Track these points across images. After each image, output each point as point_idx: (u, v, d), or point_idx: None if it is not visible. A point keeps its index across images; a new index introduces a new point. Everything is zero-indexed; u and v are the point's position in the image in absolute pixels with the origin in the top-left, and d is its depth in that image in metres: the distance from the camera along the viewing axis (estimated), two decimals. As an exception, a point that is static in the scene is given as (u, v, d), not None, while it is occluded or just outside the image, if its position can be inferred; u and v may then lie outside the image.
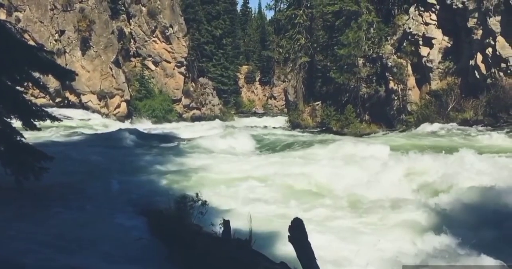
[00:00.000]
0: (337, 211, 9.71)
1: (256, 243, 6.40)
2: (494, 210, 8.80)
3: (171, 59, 41.17)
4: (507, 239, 7.36)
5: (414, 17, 29.35)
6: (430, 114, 26.59)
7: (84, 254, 6.50)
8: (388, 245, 7.47)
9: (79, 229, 7.73)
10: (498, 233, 7.80)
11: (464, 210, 9.07)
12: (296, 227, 5.11)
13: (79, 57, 35.49)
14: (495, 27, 24.55)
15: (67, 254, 6.28)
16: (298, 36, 36.64)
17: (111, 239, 7.18)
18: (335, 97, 33.14)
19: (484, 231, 7.93)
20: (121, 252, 6.72)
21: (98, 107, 35.79)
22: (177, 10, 41.63)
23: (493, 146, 16.60)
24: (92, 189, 10.63)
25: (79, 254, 6.45)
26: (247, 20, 75.37)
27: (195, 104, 43.86)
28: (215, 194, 10.08)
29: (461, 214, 8.97)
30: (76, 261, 6.04)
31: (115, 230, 7.76)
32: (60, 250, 6.44)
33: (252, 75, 67.97)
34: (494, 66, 24.77)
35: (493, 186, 9.77)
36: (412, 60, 29.23)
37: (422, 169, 12.05)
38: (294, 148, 18.65)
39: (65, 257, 6.09)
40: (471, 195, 9.60)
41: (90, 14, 35.57)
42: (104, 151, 16.36)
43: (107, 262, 6.26)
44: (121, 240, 7.19)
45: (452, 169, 11.36)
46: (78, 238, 7.17)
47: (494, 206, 8.94)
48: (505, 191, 9.40)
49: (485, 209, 8.94)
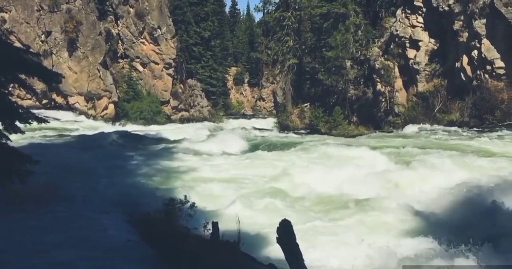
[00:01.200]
0: (319, 213, 9.75)
1: (245, 245, 6.40)
2: (472, 210, 8.91)
3: (159, 61, 41.00)
4: (484, 238, 7.46)
5: (401, 19, 29.64)
6: (417, 115, 26.85)
7: (69, 256, 6.44)
8: (371, 246, 7.51)
9: (64, 232, 7.66)
10: (476, 232, 7.88)
11: (442, 211, 9.18)
12: (284, 229, 5.13)
13: (66, 58, 35.20)
14: (480, 30, 24.90)
15: (49, 257, 6.22)
16: (286, 38, 36.72)
17: (97, 242, 7.12)
18: (323, 98, 33.28)
19: (463, 231, 8.00)
20: (108, 255, 6.66)
21: (86, 108, 35.51)
22: (165, 12, 41.49)
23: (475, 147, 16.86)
24: (78, 191, 10.52)
25: (62, 257, 6.39)
26: (235, 21, 75.47)
27: (183, 105, 43.72)
28: (203, 196, 10.06)
29: (439, 215, 9.06)
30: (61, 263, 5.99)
31: (101, 233, 7.70)
32: (41, 253, 6.39)
33: (240, 77, 68.06)
34: (479, 68, 25.11)
35: (470, 186, 9.89)
36: (399, 62, 29.50)
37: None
38: (282, 149, 18.71)
39: (47, 259, 6.04)
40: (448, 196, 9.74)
41: (77, 15, 35.30)
42: (91, 153, 16.23)
43: (93, 266, 6.21)
44: (108, 243, 7.13)
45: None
46: (62, 241, 7.11)
47: (473, 206, 9.05)
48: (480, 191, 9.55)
49: (464, 209, 9.05)
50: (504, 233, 7.63)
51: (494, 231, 7.83)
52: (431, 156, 13.66)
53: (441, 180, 10.84)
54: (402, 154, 14.98)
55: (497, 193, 9.15)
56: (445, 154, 13.87)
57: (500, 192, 9.22)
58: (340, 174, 12.09)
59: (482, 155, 13.95)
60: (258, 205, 9.91)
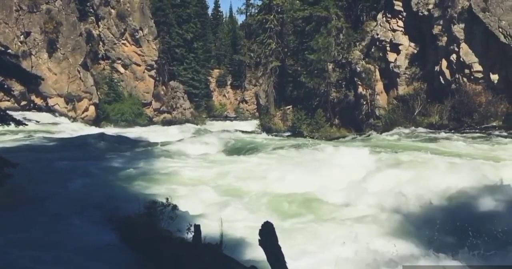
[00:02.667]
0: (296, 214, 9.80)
1: (227, 248, 6.39)
2: (453, 212, 9.06)
3: (141, 62, 40.72)
4: (467, 239, 7.59)
5: (381, 23, 30.03)
6: (397, 118, 27.18)
7: (47, 261, 6.34)
8: (353, 247, 7.56)
9: (43, 236, 7.54)
10: (459, 234, 8.01)
11: (423, 212, 9.32)
12: (266, 231, 5.14)
13: (45, 59, 34.67)
14: (459, 34, 25.39)
15: (28, 262, 6.12)
16: (269, 40, 36.86)
17: (77, 246, 7.03)
18: (305, 101, 33.47)
19: (445, 233, 8.12)
20: (89, 259, 6.58)
21: (65, 110, 35.01)
22: (147, 13, 41.24)
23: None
24: (56, 195, 10.33)
25: (40, 263, 6.29)
26: (218, 24, 75.45)
27: (165, 107, 43.47)
28: (185, 198, 10.00)
29: (422, 216, 9.19)
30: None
31: (82, 236, 7.60)
32: (20, 257, 6.28)
33: (223, 79, 68.03)
34: (458, 72, 25.59)
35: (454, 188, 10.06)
36: (380, 65, 29.87)
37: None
38: (265, 152, 18.75)
39: (25, 265, 5.94)
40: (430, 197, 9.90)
41: (57, 16, 34.83)
42: (70, 156, 15.98)
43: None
44: (88, 247, 7.04)
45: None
46: (41, 245, 7.00)
47: (455, 207, 9.21)
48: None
49: (445, 210, 9.20)
50: (485, 234, 7.75)
51: (476, 233, 7.95)
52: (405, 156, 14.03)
53: (420, 181, 10.99)
54: (379, 155, 15.27)
55: (478, 196, 9.32)
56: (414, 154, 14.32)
57: (480, 195, 9.39)
58: (318, 176, 12.18)
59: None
60: (240, 207, 9.90)
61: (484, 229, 7.89)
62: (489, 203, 9.31)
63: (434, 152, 14.91)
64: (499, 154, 15.34)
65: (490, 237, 7.53)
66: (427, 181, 10.79)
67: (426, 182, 10.67)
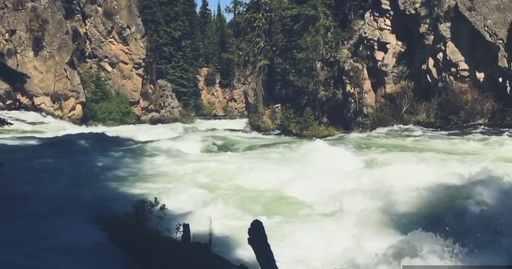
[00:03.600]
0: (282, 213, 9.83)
1: (217, 247, 6.38)
2: (441, 208, 9.13)
3: (129, 61, 40.41)
4: (454, 237, 7.65)
5: (369, 22, 30.19)
6: (385, 116, 27.37)
7: (33, 261, 6.27)
8: (340, 246, 7.59)
9: (26, 235, 7.44)
10: (445, 231, 8.06)
11: (407, 209, 9.40)
12: (256, 230, 5.14)
13: (31, 57, 34.22)
14: (445, 33, 25.65)
15: (12, 261, 6.04)
16: (257, 39, 36.84)
17: (64, 246, 6.95)
18: (294, 99, 33.53)
19: (431, 230, 8.17)
20: (75, 259, 6.52)
21: (52, 109, 34.60)
22: (134, 11, 40.92)
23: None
24: (42, 195, 10.18)
25: (26, 262, 6.21)
26: (206, 22, 75.17)
27: (153, 106, 43.21)
28: (174, 198, 9.95)
29: (404, 213, 9.25)
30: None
31: (68, 236, 7.52)
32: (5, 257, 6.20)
33: (212, 78, 67.81)
34: (444, 71, 25.86)
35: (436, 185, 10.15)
36: (367, 64, 30.04)
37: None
38: (252, 150, 18.80)
39: (6, 265, 5.86)
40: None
41: (43, 14, 34.39)
42: (55, 155, 15.79)
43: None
44: (75, 247, 6.97)
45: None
46: (25, 245, 6.91)
47: (441, 204, 9.29)
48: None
49: (430, 207, 9.28)
50: (473, 231, 7.82)
51: (462, 230, 8.01)
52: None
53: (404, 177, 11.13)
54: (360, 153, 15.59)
55: (465, 191, 9.39)
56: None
57: (469, 190, 9.45)
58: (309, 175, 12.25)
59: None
60: (229, 205, 9.88)
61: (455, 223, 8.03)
62: (457, 198, 9.46)
63: (410, 149, 15.30)
64: (471, 149, 16.12)
65: (462, 232, 7.66)
66: (397, 177, 11.00)
67: (397, 179, 10.87)
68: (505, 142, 17.25)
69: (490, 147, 16.76)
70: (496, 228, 7.79)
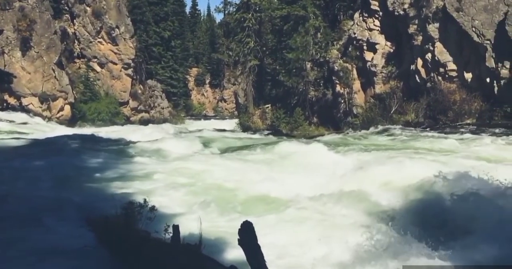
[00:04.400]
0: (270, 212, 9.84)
1: (207, 248, 6.34)
2: (428, 208, 9.21)
3: (118, 61, 40.13)
4: (441, 237, 7.70)
5: (358, 22, 30.34)
6: (374, 116, 27.52)
7: (17, 265, 6.17)
8: (330, 244, 7.60)
9: (12, 238, 7.33)
10: (434, 231, 8.12)
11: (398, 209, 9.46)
12: (246, 230, 5.12)
13: (19, 58, 33.80)
14: (434, 34, 25.86)
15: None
16: (247, 39, 36.80)
17: (51, 249, 6.86)
18: (284, 100, 33.59)
19: (422, 230, 8.21)
20: (63, 261, 6.44)
21: (40, 110, 34.22)
22: (123, 11, 40.65)
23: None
24: (27, 196, 10.00)
25: (9, 266, 6.12)
26: (196, 22, 75.04)
27: (143, 107, 42.96)
28: (162, 198, 9.88)
29: (401, 211, 9.30)
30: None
31: (56, 238, 7.42)
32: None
33: (202, 78, 67.70)
34: (433, 71, 26.06)
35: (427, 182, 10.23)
36: (357, 64, 30.18)
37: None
38: (239, 150, 18.82)
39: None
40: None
41: (30, 13, 34.01)
42: (44, 157, 15.55)
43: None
44: (62, 249, 6.88)
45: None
46: (9, 248, 6.81)
47: (428, 203, 9.37)
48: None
49: (418, 207, 9.36)
50: (460, 231, 7.88)
51: (450, 229, 8.07)
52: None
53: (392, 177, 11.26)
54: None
55: (451, 191, 9.47)
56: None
57: (453, 190, 9.54)
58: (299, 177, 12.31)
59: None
60: (219, 206, 9.84)
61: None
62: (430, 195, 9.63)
63: (389, 148, 15.63)
64: (451, 148, 16.49)
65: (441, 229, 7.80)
66: (374, 175, 11.24)
67: (373, 176, 11.11)
68: (479, 142, 17.84)
69: (465, 145, 17.26)
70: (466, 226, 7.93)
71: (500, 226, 7.63)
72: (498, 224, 7.71)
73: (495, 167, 10.96)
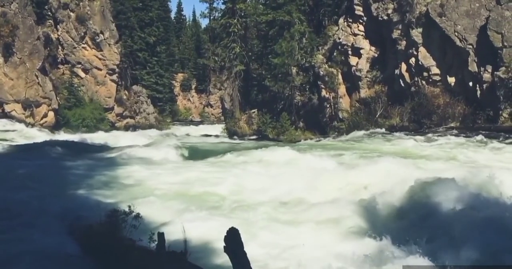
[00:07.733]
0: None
1: (192, 255, 6.28)
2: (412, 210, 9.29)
3: (102, 66, 39.81)
4: (426, 238, 7.76)
5: (343, 28, 30.59)
6: (360, 121, 27.71)
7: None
8: (315, 248, 7.59)
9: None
10: (424, 231, 8.17)
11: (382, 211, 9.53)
12: (231, 237, 5.08)
13: (1, 64, 33.29)
14: (417, 38, 26.18)
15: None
16: (233, 44, 36.80)
17: (34, 259, 6.71)
18: (270, 105, 33.63)
19: (411, 232, 8.26)
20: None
21: (23, 116, 33.70)
22: (108, 16, 40.38)
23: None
24: (11, 205, 9.77)
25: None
26: (181, 27, 74.90)
27: (128, 112, 42.63)
28: (148, 206, 9.75)
29: (389, 215, 9.35)
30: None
31: (38, 248, 7.25)
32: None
33: (188, 83, 67.51)
34: (417, 75, 26.36)
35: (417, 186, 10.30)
36: (342, 69, 30.39)
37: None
38: (229, 157, 18.70)
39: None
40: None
41: (13, 19, 33.55)
42: (27, 164, 15.28)
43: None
44: (46, 258, 6.74)
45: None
46: None
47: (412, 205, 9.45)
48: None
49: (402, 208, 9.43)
50: (442, 232, 7.94)
51: (433, 231, 8.13)
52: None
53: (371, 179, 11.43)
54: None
55: (435, 192, 9.54)
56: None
57: (437, 191, 9.61)
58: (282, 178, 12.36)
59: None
60: (204, 214, 9.76)
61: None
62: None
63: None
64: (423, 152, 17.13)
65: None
66: (346, 176, 11.65)
67: (346, 178, 11.52)
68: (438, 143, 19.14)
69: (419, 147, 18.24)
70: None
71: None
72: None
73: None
